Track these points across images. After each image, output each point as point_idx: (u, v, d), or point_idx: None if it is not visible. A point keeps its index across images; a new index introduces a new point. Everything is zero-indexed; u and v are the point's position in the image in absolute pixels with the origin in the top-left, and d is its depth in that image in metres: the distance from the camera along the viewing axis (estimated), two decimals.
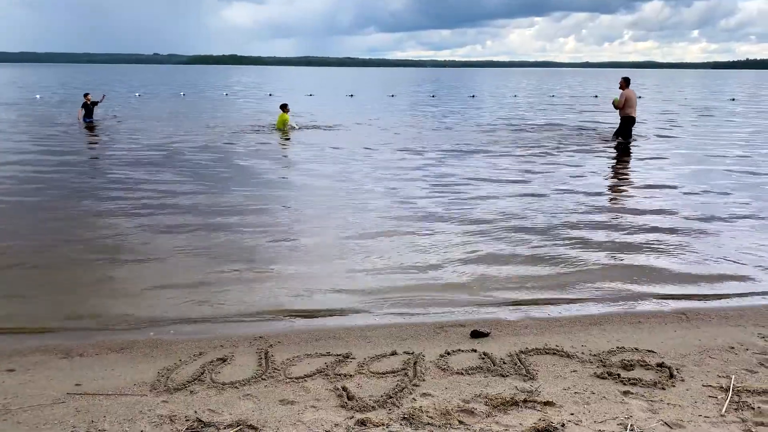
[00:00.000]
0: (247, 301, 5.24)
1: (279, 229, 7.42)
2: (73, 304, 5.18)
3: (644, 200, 9.17)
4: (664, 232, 7.36)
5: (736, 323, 4.67)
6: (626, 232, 7.38)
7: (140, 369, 3.86)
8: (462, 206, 8.64)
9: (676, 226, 7.67)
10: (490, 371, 3.76)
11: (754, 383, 3.57)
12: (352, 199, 9.11)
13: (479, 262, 6.23)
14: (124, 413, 3.26)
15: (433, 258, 6.35)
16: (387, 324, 4.74)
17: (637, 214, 8.27)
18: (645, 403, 3.33)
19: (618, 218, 8.04)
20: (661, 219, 8.01)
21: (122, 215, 7.98)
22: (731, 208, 8.68)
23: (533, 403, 3.31)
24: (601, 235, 7.23)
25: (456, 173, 11.26)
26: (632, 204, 8.92)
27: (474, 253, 6.50)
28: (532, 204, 8.83)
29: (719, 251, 6.64)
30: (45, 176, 10.66)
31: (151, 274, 5.87)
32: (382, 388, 3.52)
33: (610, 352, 4.05)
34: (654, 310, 5.04)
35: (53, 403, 3.39)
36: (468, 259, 6.32)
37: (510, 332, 4.50)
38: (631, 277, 5.86)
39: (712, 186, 10.22)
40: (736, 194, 9.61)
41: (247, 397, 3.45)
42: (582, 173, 11.40)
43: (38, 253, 6.45)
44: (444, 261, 6.26)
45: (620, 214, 8.24)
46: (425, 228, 7.48)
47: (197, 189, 9.71)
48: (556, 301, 5.26)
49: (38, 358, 4.07)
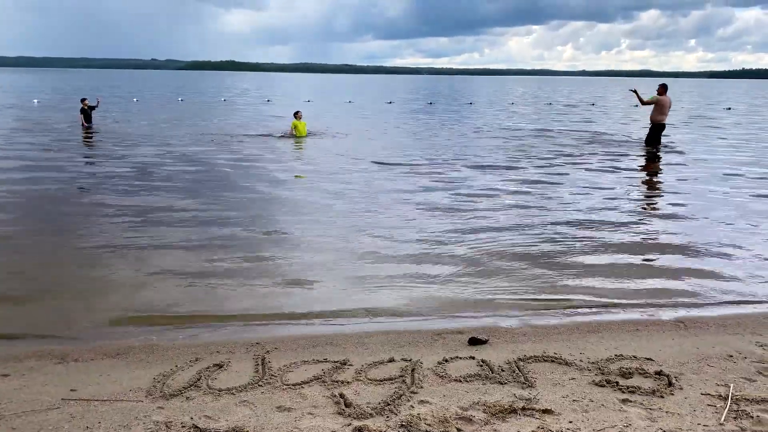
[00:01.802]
0: (243, 307, 5.21)
1: (277, 237, 7.40)
2: (68, 309, 5.14)
3: (645, 209, 9.18)
4: (664, 242, 7.37)
5: (734, 331, 4.67)
6: (624, 240, 7.39)
7: (136, 374, 3.83)
8: (462, 214, 8.63)
9: (675, 235, 7.68)
10: (488, 379, 3.74)
11: (752, 392, 3.56)
12: (353, 206, 9.10)
13: (478, 270, 6.22)
14: (119, 419, 3.23)
15: (432, 265, 6.34)
16: (384, 331, 4.71)
17: (637, 223, 8.27)
18: (644, 411, 3.32)
19: (617, 227, 8.04)
20: (661, 228, 8.02)
21: (118, 221, 7.95)
22: (731, 219, 8.69)
23: (532, 411, 3.30)
24: (600, 244, 7.22)
25: (456, 182, 11.26)
26: (632, 213, 8.91)
27: (473, 261, 6.49)
28: (532, 212, 8.83)
29: (719, 260, 6.65)
30: (39, 180, 10.63)
31: (147, 279, 5.84)
32: (379, 395, 3.50)
33: (609, 360, 4.04)
34: (652, 318, 5.03)
35: (48, 409, 3.36)
36: (467, 267, 6.30)
37: (508, 339, 4.48)
38: (630, 284, 5.86)
39: (714, 195, 10.24)
40: (738, 204, 9.63)
41: (243, 403, 3.42)
42: (587, 182, 11.41)
43: (33, 258, 6.42)
44: (442, 268, 6.25)
45: (619, 224, 8.24)
46: (424, 235, 7.47)
47: (195, 195, 9.69)
48: (555, 308, 5.25)
49: (33, 363, 4.04)
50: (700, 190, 10.68)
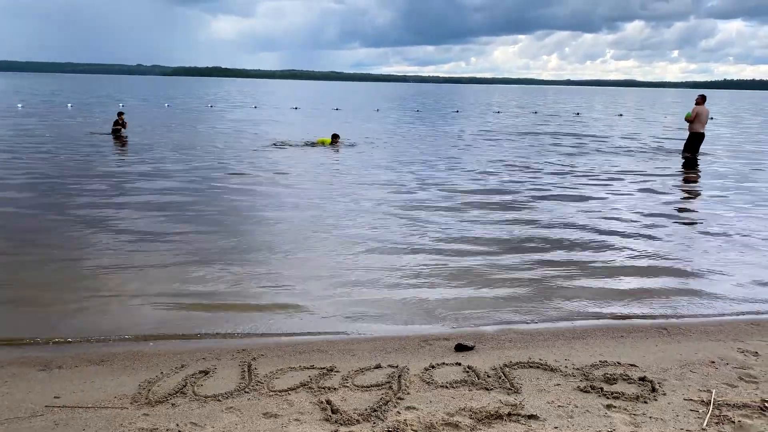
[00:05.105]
0: (229, 313, 5.19)
1: (264, 243, 7.38)
2: (51, 315, 5.09)
3: (632, 220, 9.27)
4: (649, 251, 7.45)
5: (716, 338, 4.73)
6: (610, 246, 7.46)
7: (121, 381, 3.80)
8: (450, 223, 8.67)
9: (660, 244, 7.78)
10: (474, 385, 3.76)
11: (734, 397, 3.61)
12: (342, 214, 9.10)
13: (465, 277, 6.25)
14: (104, 426, 3.21)
15: (419, 272, 6.36)
16: (371, 337, 4.72)
17: (624, 231, 8.36)
18: (628, 417, 3.35)
19: (604, 236, 8.12)
20: (646, 238, 8.11)
21: (103, 227, 7.88)
22: (716, 228, 8.81)
23: (517, 417, 3.32)
24: (586, 252, 7.29)
25: (443, 188, 11.31)
26: (620, 220, 9.00)
27: (460, 268, 6.52)
28: (519, 222, 8.89)
29: (700, 268, 6.74)
30: (27, 186, 10.52)
31: (132, 285, 5.79)
32: (366, 402, 3.50)
33: (593, 366, 4.08)
34: (636, 324, 5.09)
35: (31, 416, 3.32)
36: (453, 274, 6.33)
37: (494, 346, 4.51)
38: (614, 291, 5.92)
39: (704, 206, 10.38)
40: (721, 215, 9.77)
41: (230, 410, 3.41)
42: (576, 190, 11.52)
43: (17, 265, 6.35)
44: (429, 276, 6.27)
45: (606, 233, 8.32)
46: (412, 244, 7.49)
47: (182, 202, 9.64)
48: (540, 315, 5.29)
49: (16, 370, 3.99)
50: (692, 200, 10.82)
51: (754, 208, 10.18)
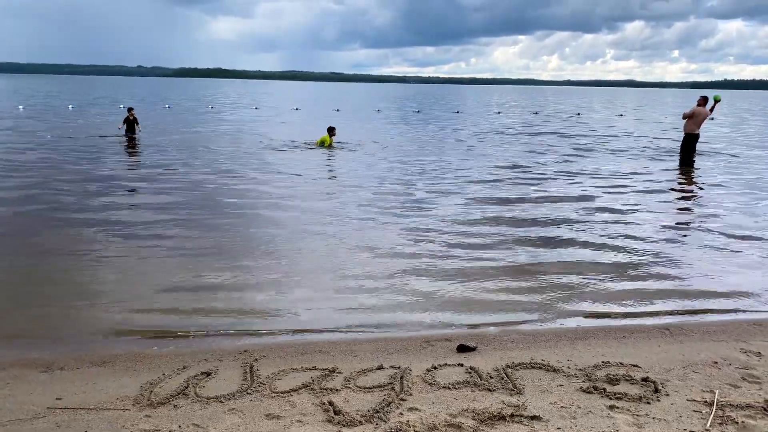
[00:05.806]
0: (231, 314, 5.19)
1: (265, 244, 7.37)
2: (53, 317, 5.08)
3: (633, 220, 9.27)
4: (650, 250, 7.44)
5: (719, 338, 4.72)
6: (611, 246, 7.45)
7: (123, 383, 3.80)
8: (453, 224, 8.66)
9: (661, 243, 7.77)
10: (476, 386, 3.75)
11: (737, 398, 3.60)
12: (345, 216, 9.10)
13: (466, 277, 6.24)
14: (106, 427, 3.20)
15: (421, 273, 6.35)
16: (373, 338, 4.72)
17: (624, 231, 8.35)
18: (631, 418, 3.35)
19: (605, 236, 8.11)
20: (647, 237, 8.10)
21: (104, 228, 7.88)
22: (717, 228, 8.80)
23: (520, 418, 3.31)
24: (587, 251, 7.29)
25: (443, 189, 11.31)
26: (623, 224, 9.00)
27: (461, 269, 6.51)
28: (520, 222, 8.88)
29: (702, 268, 6.73)
30: (28, 186, 10.52)
31: (134, 286, 5.79)
32: (368, 403, 3.49)
33: (596, 367, 4.07)
34: (638, 325, 5.08)
35: (33, 418, 3.32)
36: (455, 274, 6.32)
37: (496, 346, 4.50)
38: (616, 292, 5.91)
39: (704, 206, 10.37)
40: (722, 214, 9.76)
41: (232, 411, 3.40)
42: (584, 189, 11.51)
43: (18, 266, 6.35)
44: (431, 276, 6.26)
45: (607, 233, 8.31)
46: (414, 244, 7.48)
47: (183, 202, 9.64)
48: (542, 315, 5.28)
49: (18, 372, 3.98)
50: (693, 199, 10.81)
51: (754, 207, 10.17)
